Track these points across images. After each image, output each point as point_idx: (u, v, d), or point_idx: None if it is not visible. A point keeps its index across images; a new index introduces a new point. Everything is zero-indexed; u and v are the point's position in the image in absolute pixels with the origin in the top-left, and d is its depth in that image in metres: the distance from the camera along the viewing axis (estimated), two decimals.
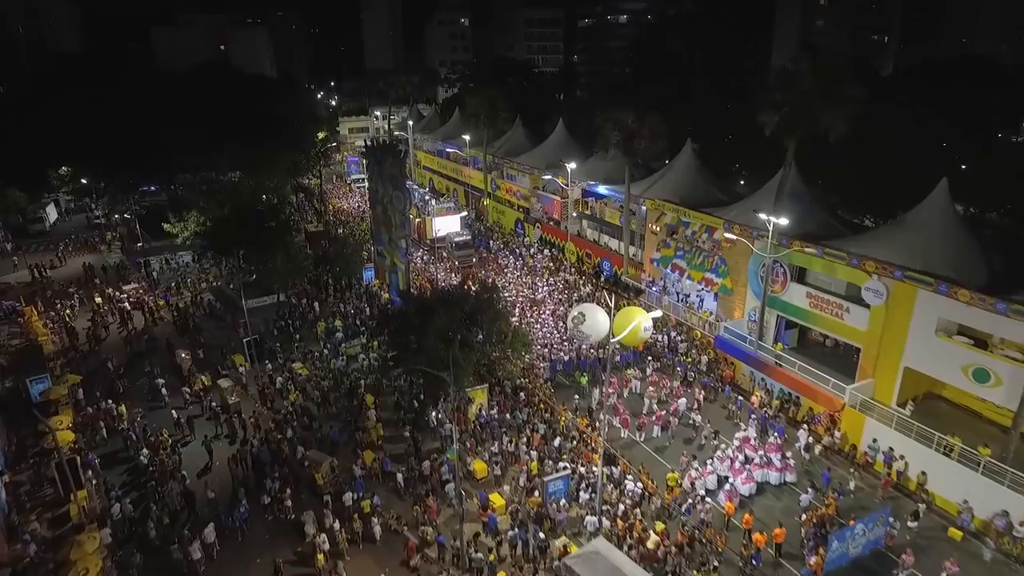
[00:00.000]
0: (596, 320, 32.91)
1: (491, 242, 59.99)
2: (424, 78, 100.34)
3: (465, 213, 52.39)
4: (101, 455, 29.88)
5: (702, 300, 41.25)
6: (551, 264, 52.89)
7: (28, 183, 62.83)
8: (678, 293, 42.62)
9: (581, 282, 49.19)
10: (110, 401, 33.53)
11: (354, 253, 44.41)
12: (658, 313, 25.31)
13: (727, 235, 35.47)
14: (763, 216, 32.43)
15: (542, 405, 32.84)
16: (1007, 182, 42.81)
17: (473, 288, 30.64)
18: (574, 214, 55.05)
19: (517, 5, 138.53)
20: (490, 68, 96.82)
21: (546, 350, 37.68)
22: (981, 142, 46.73)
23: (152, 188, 72.11)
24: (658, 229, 43.18)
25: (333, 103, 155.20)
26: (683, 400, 32.44)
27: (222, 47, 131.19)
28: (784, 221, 31.76)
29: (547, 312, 42.95)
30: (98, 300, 47.25)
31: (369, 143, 41.90)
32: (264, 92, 74.44)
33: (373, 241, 44.94)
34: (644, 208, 44.88)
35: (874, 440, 28.57)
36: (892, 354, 29.24)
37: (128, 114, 64.78)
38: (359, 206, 74.46)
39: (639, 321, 25.58)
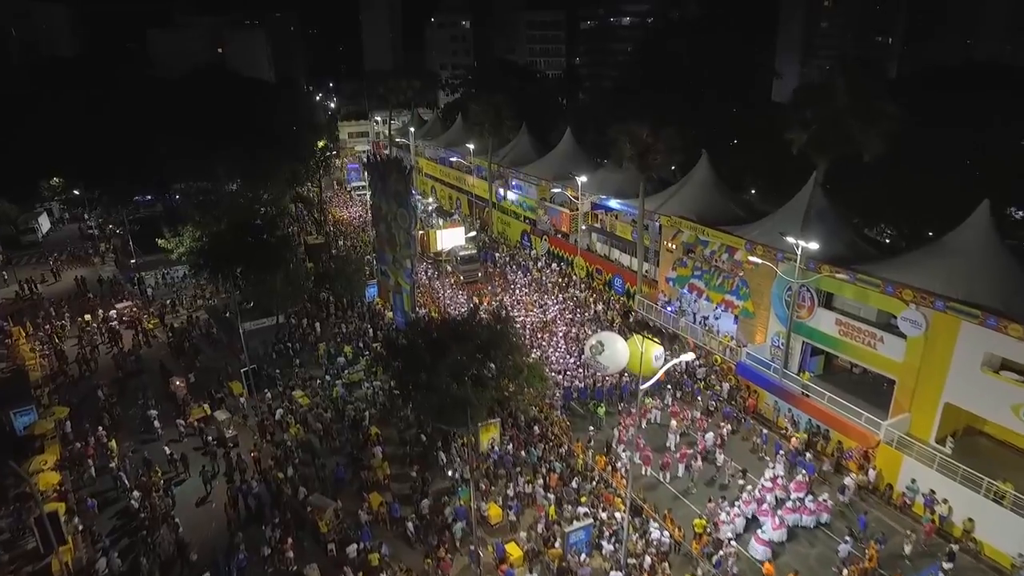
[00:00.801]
0: (615, 350, 31.31)
1: (496, 255, 58.23)
2: (426, 83, 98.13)
3: (473, 233, 50.00)
4: (88, 496, 28.05)
5: (716, 318, 39.46)
6: (560, 280, 51.10)
7: (17, 194, 60.87)
8: (694, 314, 40.86)
9: (592, 299, 47.42)
10: (101, 428, 31.88)
11: (356, 271, 42.56)
12: (690, 356, 23.37)
13: (752, 259, 33.64)
14: (791, 240, 30.64)
15: (558, 440, 31.06)
16: None
17: (483, 314, 28.77)
18: (583, 227, 53.26)
19: (518, 7, 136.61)
20: (492, 72, 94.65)
21: (560, 376, 35.89)
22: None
23: (148, 198, 70.19)
24: (674, 247, 41.40)
25: (332, 105, 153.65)
26: (710, 435, 30.64)
27: (220, 50, 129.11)
28: (814, 246, 29.98)
29: (559, 334, 41.16)
30: (87, 318, 45.49)
31: (372, 158, 39.94)
32: (262, 98, 72.49)
33: (376, 260, 43.09)
34: (658, 223, 43.09)
35: (913, 481, 26.81)
36: (931, 388, 27.49)
37: (122, 122, 62.95)
38: (360, 216, 72.62)
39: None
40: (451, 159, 75.70)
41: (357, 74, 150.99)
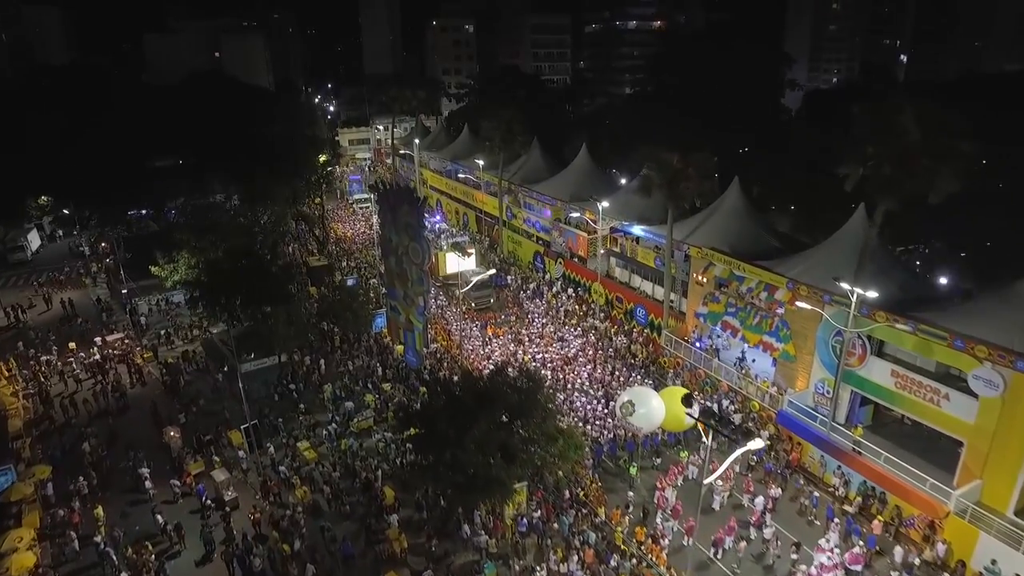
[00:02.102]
0: (649, 408, 28.37)
1: (509, 277, 55.44)
2: (430, 93, 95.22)
3: (489, 272, 47.07)
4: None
5: (753, 361, 36.72)
6: (578, 308, 48.31)
7: (2, 214, 57.99)
8: (719, 350, 38.05)
9: (613, 330, 44.65)
10: (84, 482, 29.25)
11: (362, 306, 39.76)
12: (758, 444, 20.44)
13: (799, 303, 30.85)
14: (845, 286, 27.88)
15: (591, 504, 28.29)
16: None
17: (511, 369, 25.98)
18: (601, 251, 50.47)
19: (522, 11, 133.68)
20: (498, 81, 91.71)
21: (587, 426, 33.11)
22: None
23: (142, 212, 67.27)
24: (705, 280, 38.63)
25: (332, 108, 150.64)
26: (759, 500, 27.89)
27: (216, 54, 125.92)
28: (873, 294, 27.21)
29: (582, 373, 38.38)
30: (72, 346, 42.92)
31: (381, 186, 37.15)
32: (261, 108, 69.70)
33: (386, 294, 40.27)
34: (686, 251, 40.27)
35: (993, 562, 24.08)
36: (1010, 456, 24.80)
37: (114, 137, 60.19)
38: (364, 233, 69.70)
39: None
40: (459, 174, 72.81)
41: (357, 78, 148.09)
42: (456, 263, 53.35)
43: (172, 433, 32.71)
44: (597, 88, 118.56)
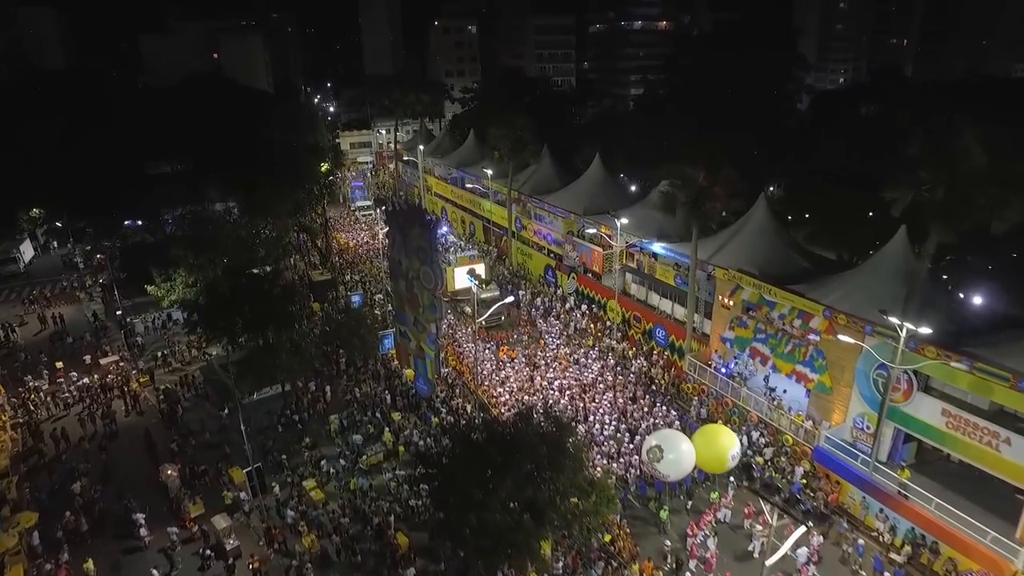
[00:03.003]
0: (679, 454, 26.72)
1: (520, 292, 53.39)
2: (434, 97, 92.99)
3: (495, 293, 45.21)
4: None
5: (784, 392, 34.75)
6: (593, 327, 46.29)
7: None
8: (742, 375, 36.05)
9: (631, 352, 42.65)
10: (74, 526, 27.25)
11: (370, 330, 37.70)
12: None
13: (841, 337, 28.81)
14: (895, 320, 25.86)
15: (622, 557, 26.28)
16: None
17: (537, 414, 23.91)
18: (617, 266, 48.45)
19: (525, 11, 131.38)
20: (502, 86, 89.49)
21: (611, 463, 31.07)
22: None
23: (138, 222, 65.05)
24: (732, 304, 36.60)
25: (331, 109, 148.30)
26: (803, 551, 25.88)
27: (215, 55, 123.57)
28: (927, 331, 25.18)
29: (603, 402, 36.35)
30: (59, 365, 41.27)
31: (390, 207, 35.08)
32: (261, 113, 67.43)
33: (395, 319, 38.21)
34: (711, 272, 38.21)
35: None
36: None
37: (110, 144, 58.08)
38: (368, 243, 67.60)
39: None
40: (465, 182, 70.78)
41: (357, 79, 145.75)
42: (466, 278, 51.25)
43: (170, 472, 30.69)
44: (603, 90, 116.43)
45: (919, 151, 23.60)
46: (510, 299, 34.10)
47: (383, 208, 38.52)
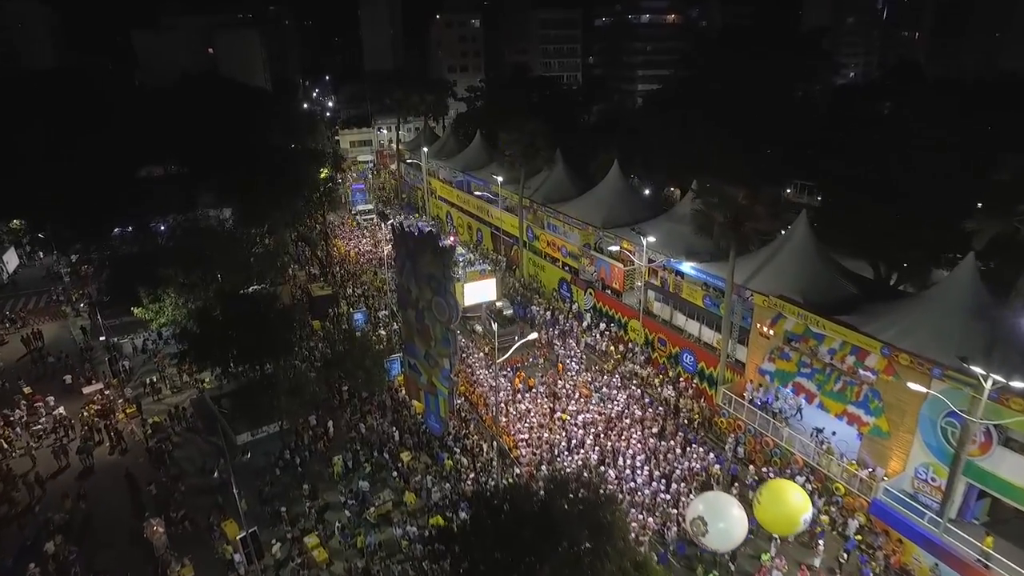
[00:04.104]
0: (730, 522, 23.57)
1: (533, 308, 50.26)
2: (438, 96, 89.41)
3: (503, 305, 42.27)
4: None
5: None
6: (614, 349, 43.16)
7: None
8: (774, 409, 32.97)
9: (658, 380, 39.54)
10: None
11: (376, 361, 34.50)
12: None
13: (912, 386, 25.63)
14: (978, 370, 22.73)
15: None
16: None
17: (571, 476, 20.82)
18: (639, 283, 45.34)
19: (530, 5, 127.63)
20: (510, 85, 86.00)
21: (648, 517, 27.94)
22: None
23: (129, 229, 61.54)
24: (772, 333, 33.42)
25: (331, 104, 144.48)
26: None
27: (211, 51, 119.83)
28: (1020, 384, 22.04)
29: (632, 438, 33.19)
30: (27, 390, 38.04)
31: (397, 228, 31.82)
32: (259, 116, 64.09)
33: (403, 350, 34.99)
34: (749, 298, 34.97)
35: None
36: None
37: (101, 150, 54.74)
38: (370, 252, 64.36)
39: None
40: (472, 186, 67.49)
41: (357, 74, 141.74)
42: (477, 294, 48.26)
43: (156, 528, 27.56)
44: (612, 86, 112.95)
45: (1010, 175, 20.33)
46: (533, 335, 30.85)
47: (389, 227, 35.20)
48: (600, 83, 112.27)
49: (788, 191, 65.59)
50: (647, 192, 64.86)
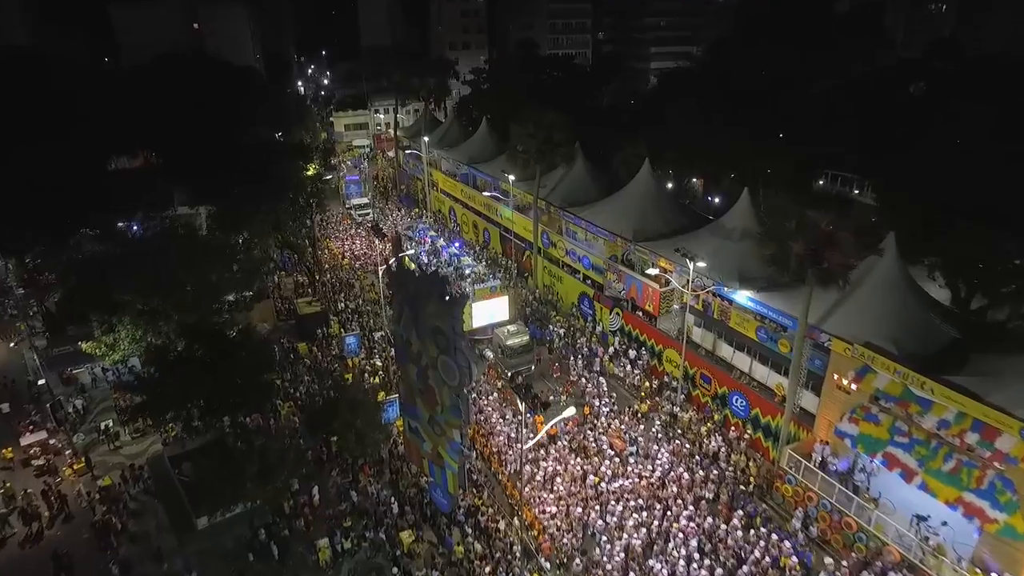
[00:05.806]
0: None
1: (551, 328, 44.04)
2: (440, 79, 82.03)
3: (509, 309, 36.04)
4: None
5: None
6: (648, 384, 36.99)
7: None
8: (861, 484, 26.87)
9: (705, 429, 33.39)
10: None
11: (369, 423, 28.23)
12: None
13: None
14: None
15: None
16: None
17: None
18: (676, 306, 39.03)
19: None
20: (521, 69, 78.49)
21: None
22: None
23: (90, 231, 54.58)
24: (855, 387, 27.14)
25: (325, 82, 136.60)
26: None
27: (195, 25, 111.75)
28: None
29: (682, 518, 27.13)
30: None
31: (395, 266, 25.38)
32: (242, 108, 57.01)
33: (402, 411, 28.62)
34: (826, 342, 28.57)
35: None
36: None
37: (67, 144, 47.97)
38: (365, 255, 57.86)
39: None
40: (478, 181, 60.74)
41: (353, 51, 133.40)
42: (487, 314, 42.12)
43: None
44: (626, 65, 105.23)
45: None
46: (570, 411, 24.43)
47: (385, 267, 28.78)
48: (613, 60, 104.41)
49: (820, 183, 59.12)
50: (669, 186, 58.45)
